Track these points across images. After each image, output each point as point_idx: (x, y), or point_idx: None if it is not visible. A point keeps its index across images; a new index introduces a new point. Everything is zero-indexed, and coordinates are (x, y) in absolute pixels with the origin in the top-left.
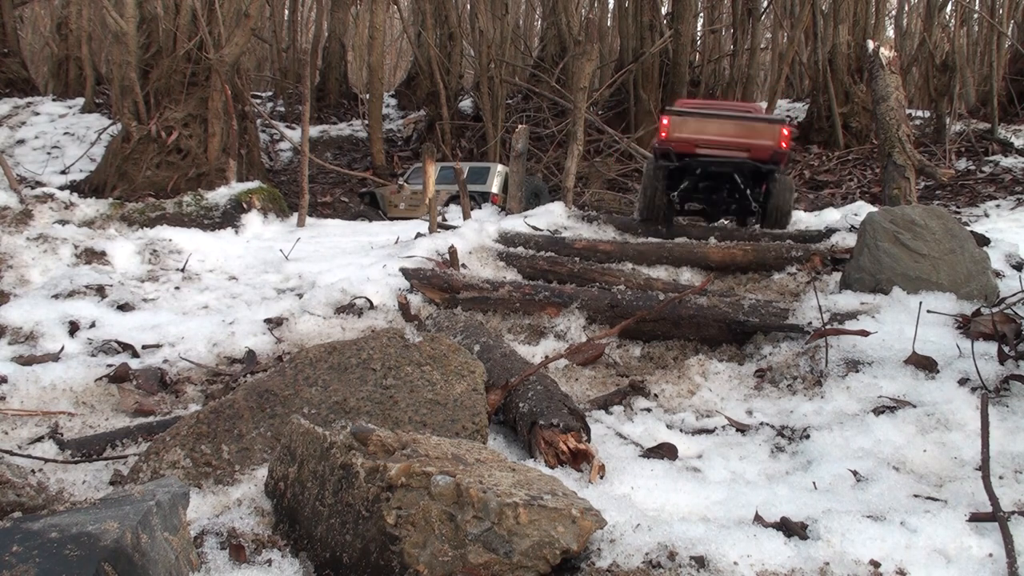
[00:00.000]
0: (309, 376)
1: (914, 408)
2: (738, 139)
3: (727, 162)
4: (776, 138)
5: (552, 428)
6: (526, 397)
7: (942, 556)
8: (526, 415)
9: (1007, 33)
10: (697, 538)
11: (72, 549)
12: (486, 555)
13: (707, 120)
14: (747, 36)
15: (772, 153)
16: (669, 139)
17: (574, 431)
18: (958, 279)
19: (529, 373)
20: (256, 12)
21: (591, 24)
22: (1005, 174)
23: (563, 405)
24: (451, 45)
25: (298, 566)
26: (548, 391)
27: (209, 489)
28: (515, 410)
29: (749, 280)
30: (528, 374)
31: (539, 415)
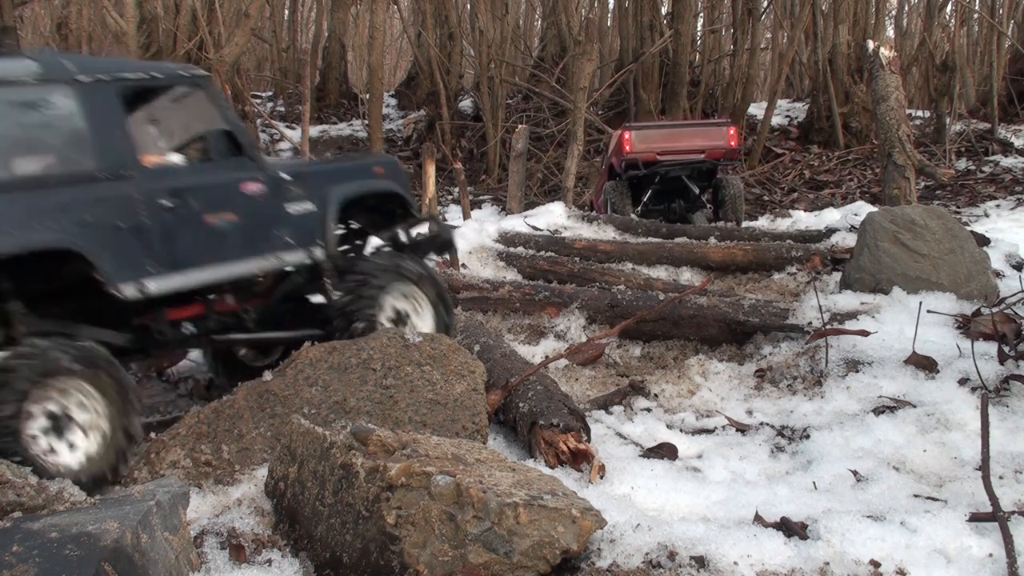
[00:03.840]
0: (309, 376)
1: (914, 408)
2: (694, 143)
3: (688, 164)
4: (726, 138)
5: (552, 428)
6: (526, 397)
7: (942, 556)
8: (526, 415)
9: (1007, 33)
10: (697, 538)
11: (72, 549)
12: (486, 555)
13: (664, 130)
14: (747, 36)
15: (725, 151)
16: (634, 151)
17: (574, 431)
18: (958, 279)
19: (529, 373)
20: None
21: (591, 24)
22: (1005, 174)
23: (563, 405)
24: (451, 45)
25: (298, 566)
26: (548, 391)
27: (209, 489)
28: (515, 410)
29: (749, 280)
30: (528, 374)
31: (539, 415)
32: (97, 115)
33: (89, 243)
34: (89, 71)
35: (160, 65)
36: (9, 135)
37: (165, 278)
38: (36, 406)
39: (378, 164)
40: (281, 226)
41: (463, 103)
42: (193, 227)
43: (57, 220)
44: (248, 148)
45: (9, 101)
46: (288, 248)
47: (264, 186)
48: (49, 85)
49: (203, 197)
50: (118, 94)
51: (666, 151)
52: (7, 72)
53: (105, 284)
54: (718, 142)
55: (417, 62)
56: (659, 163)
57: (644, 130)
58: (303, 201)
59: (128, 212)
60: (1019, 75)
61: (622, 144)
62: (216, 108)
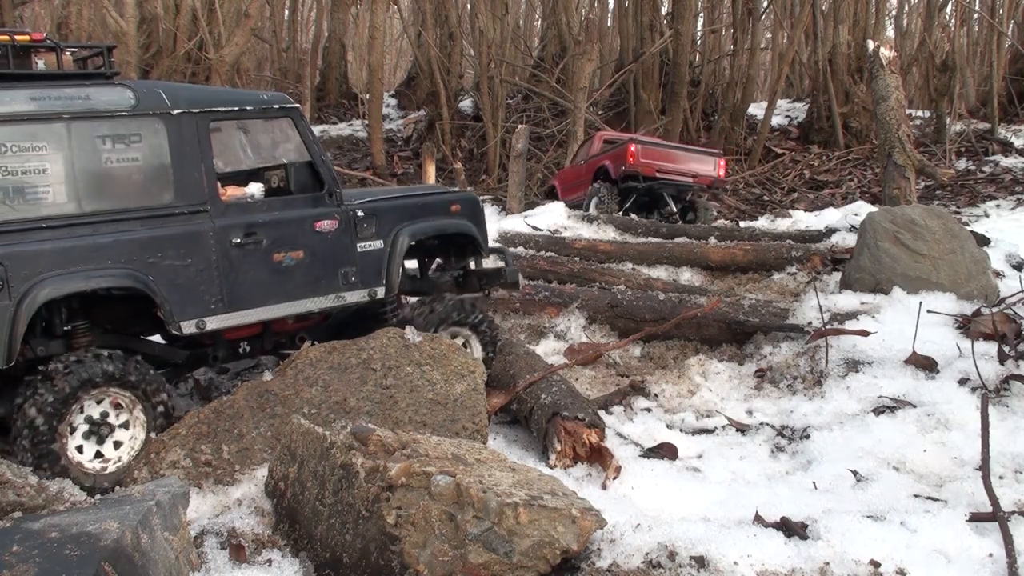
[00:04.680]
0: (309, 376)
1: (914, 408)
2: (688, 167)
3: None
4: (716, 168)
5: (577, 420)
6: (549, 391)
7: (942, 556)
8: (547, 406)
9: (1007, 33)
10: (697, 538)
11: (72, 549)
12: (486, 555)
13: (665, 150)
14: (747, 36)
15: (712, 180)
16: (636, 164)
17: (598, 428)
18: (958, 279)
19: (538, 379)
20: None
21: (591, 24)
22: (1005, 174)
23: (587, 404)
24: (451, 45)
25: (298, 566)
26: (571, 391)
27: (209, 489)
28: (534, 401)
29: (749, 280)
30: (535, 380)
31: (563, 408)
32: (183, 149)
33: (155, 281)
34: (182, 103)
35: (251, 96)
36: (95, 169)
37: (224, 316)
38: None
39: (456, 201)
40: (347, 265)
41: (463, 103)
42: (260, 265)
43: (127, 256)
44: (329, 183)
45: (101, 135)
46: (350, 287)
47: (337, 224)
48: (142, 118)
49: (275, 235)
50: (207, 127)
51: (663, 169)
52: (103, 103)
53: (165, 321)
54: (708, 170)
55: (417, 62)
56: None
57: (648, 146)
58: (373, 239)
59: (198, 249)
60: (1019, 75)
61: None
62: (302, 139)
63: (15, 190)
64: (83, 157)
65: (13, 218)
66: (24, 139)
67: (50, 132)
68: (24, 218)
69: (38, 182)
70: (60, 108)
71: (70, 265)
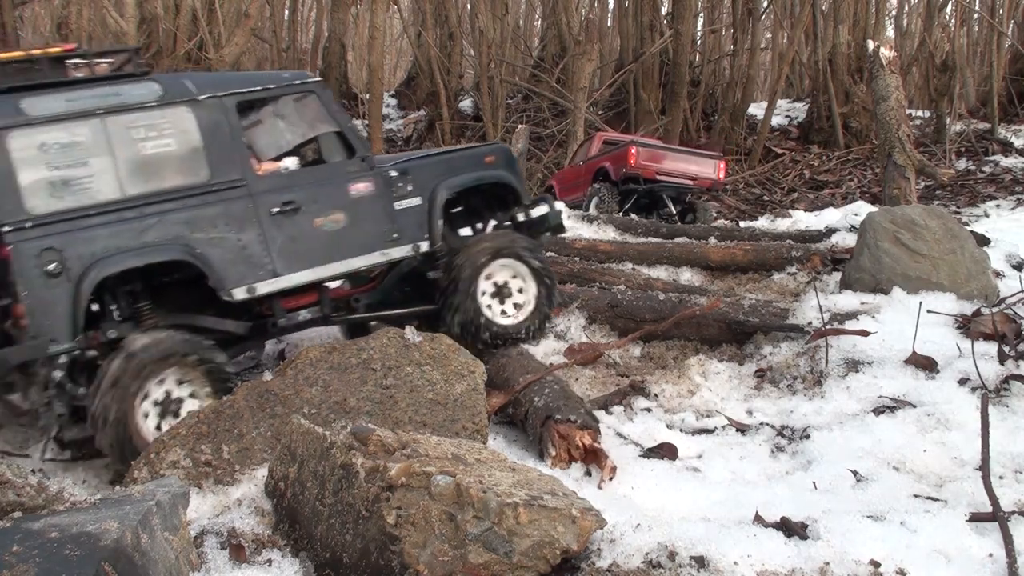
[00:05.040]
0: (309, 376)
1: (914, 408)
2: (688, 169)
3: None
4: (716, 171)
5: (569, 423)
6: (542, 393)
7: (942, 556)
8: (541, 409)
9: (1007, 33)
10: (697, 538)
11: (72, 549)
12: (486, 555)
13: (665, 152)
14: (747, 36)
15: (712, 182)
16: (637, 166)
17: (591, 429)
18: (958, 279)
19: (533, 380)
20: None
21: (591, 24)
22: (1005, 174)
23: (580, 405)
24: (451, 45)
25: (298, 566)
26: (565, 391)
27: (209, 489)
28: (528, 404)
29: (749, 280)
30: (533, 380)
31: (556, 410)
32: (213, 131)
33: (202, 253)
34: (206, 89)
35: (273, 75)
36: (133, 157)
37: (273, 280)
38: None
39: (490, 153)
40: (388, 222)
41: (463, 103)
42: (302, 230)
43: (175, 233)
44: (359, 148)
45: (134, 125)
46: (394, 243)
47: (372, 185)
48: (170, 107)
49: (312, 201)
50: (233, 109)
51: (664, 172)
52: (132, 97)
53: (217, 289)
54: (708, 173)
55: (417, 62)
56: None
57: (649, 149)
58: (411, 196)
59: (240, 221)
60: (1019, 75)
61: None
62: (328, 111)
63: (62, 183)
64: (121, 147)
65: (63, 208)
66: (65, 137)
67: (88, 128)
68: (73, 207)
69: (82, 174)
70: (94, 106)
71: (120, 245)
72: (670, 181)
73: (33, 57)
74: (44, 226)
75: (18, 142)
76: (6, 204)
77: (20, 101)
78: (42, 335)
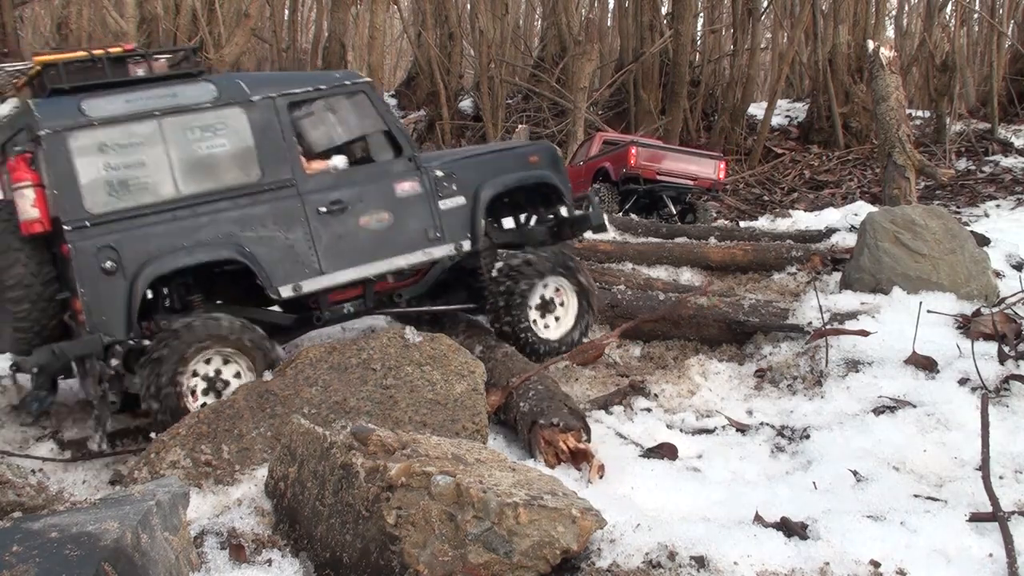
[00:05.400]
0: (309, 376)
1: (914, 408)
2: (689, 169)
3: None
4: (716, 171)
5: (552, 427)
6: (527, 397)
7: (942, 556)
8: (526, 414)
9: (1007, 33)
10: (697, 538)
11: (72, 549)
12: (486, 555)
13: (665, 152)
14: (747, 36)
15: (712, 182)
16: (637, 166)
17: (574, 430)
18: (958, 279)
19: (530, 375)
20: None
21: (591, 24)
22: (1005, 174)
23: (564, 405)
24: (451, 45)
25: (298, 566)
26: (549, 391)
27: (209, 489)
28: (516, 409)
29: (749, 280)
30: (529, 376)
31: (539, 414)
32: (265, 132)
33: (251, 252)
34: (260, 90)
35: (324, 76)
36: (188, 157)
37: (318, 279)
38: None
39: (534, 152)
40: (432, 222)
41: (463, 103)
42: (348, 229)
43: (226, 232)
44: (406, 148)
45: (189, 126)
46: (437, 242)
47: (418, 185)
48: (224, 108)
49: (359, 200)
50: (285, 109)
51: (664, 172)
52: (188, 98)
53: (264, 287)
54: (708, 173)
55: (417, 62)
56: (657, 181)
57: (649, 149)
58: (455, 196)
59: (289, 219)
60: (1019, 75)
61: (627, 157)
62: (377, 111)
63: (120, 183)
64: (176, 148)
65: (120, 207)
66: (123, 138)
67: (145, 129)
68: (130, 207)
69: (139, 174)
70: (152, 107)
71: (174, 244)
72: (670, 181)
73: (95, 57)
74: (102, 225)
75: (79, 143)
76: (67, 204)
77: (82, 102)
78: (98, 329)
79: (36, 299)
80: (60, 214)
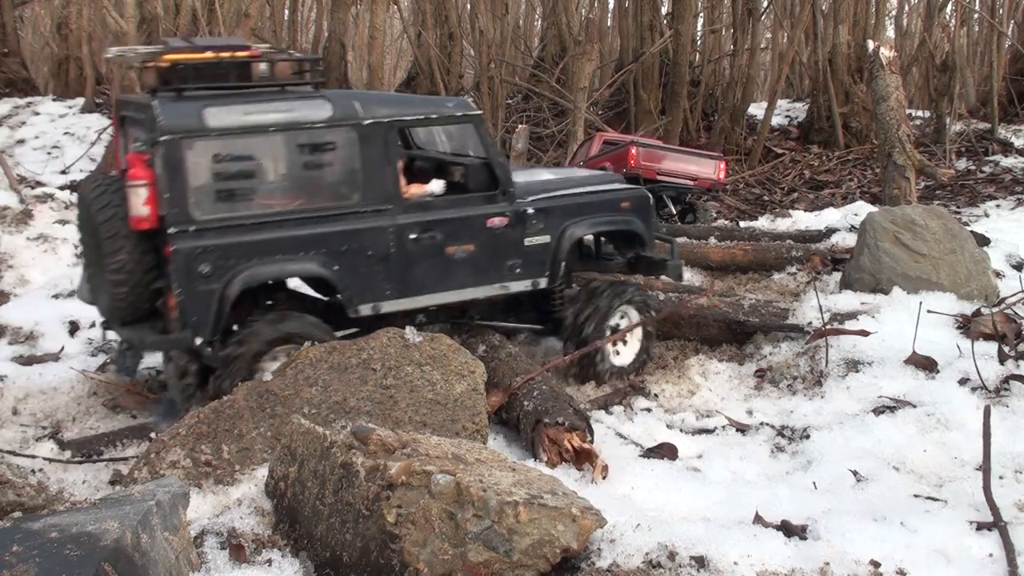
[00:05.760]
0: (309, 376)
1: (914, 408)
2: (689, 169)
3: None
4: (716, 171)
5: (557, 426)
6: (531, 396)
7: (942, 556)
8: (530, 413)
9: (1007, 33)
10: (697, 538)
11: (72, 549)
12: (486, 553)
13: (665, 152)
14: (747, 36)
15: (712, 182)
16: (638, 166)
17: (579, 430)
18: (958, 279)
19: (532, 376)
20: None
21: (591, 24)
22: (1005, 174)
23: (568, 405)
24: (451, 45)
25: (298, 566)
26: (553, 391)
27: (209, 489)
28: (519, 408)
29: (749, 280)
30: (530, 377)
31: (544, 413)
32: (373, 155)
33: (339, 271)
34: (374, 112)
35: (437, 103)
36: (295, 173)
37: (397, 301)
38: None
39: (627, 199)
40: (515, 257)
41: None
42: (433, 257)
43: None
44: (504, 182)
45: (302, 143)
46: (516, 277)
47: (508, 220)
48: (337, 128)
49: (449, 230)
50: (395, 133)
51: (664, 172)
52: (304, 115)
53: (345, 306)
54: (708, 173)
55: (417, 62)
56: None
57: (649, 149)
58: (541, 235)
59: (379, 243)
60: (1019, 75)
61: (627, 157)
62: (482, 142)
63: (226, 193)
64: (285, 163)
65: (223, 216)
66: (237, 149)
67: (258, 143)
68: (232, 216)
69: (246, 185)
70: (269, 121)
71: (268, 256)
72: (670, 181)
73: (221, 61)
74: (204, 232)
75: (195, 151)
76: (175, 208)
77: (203, 110)
78: (188, 328)
79: (134, 285)
80: (167, 216)
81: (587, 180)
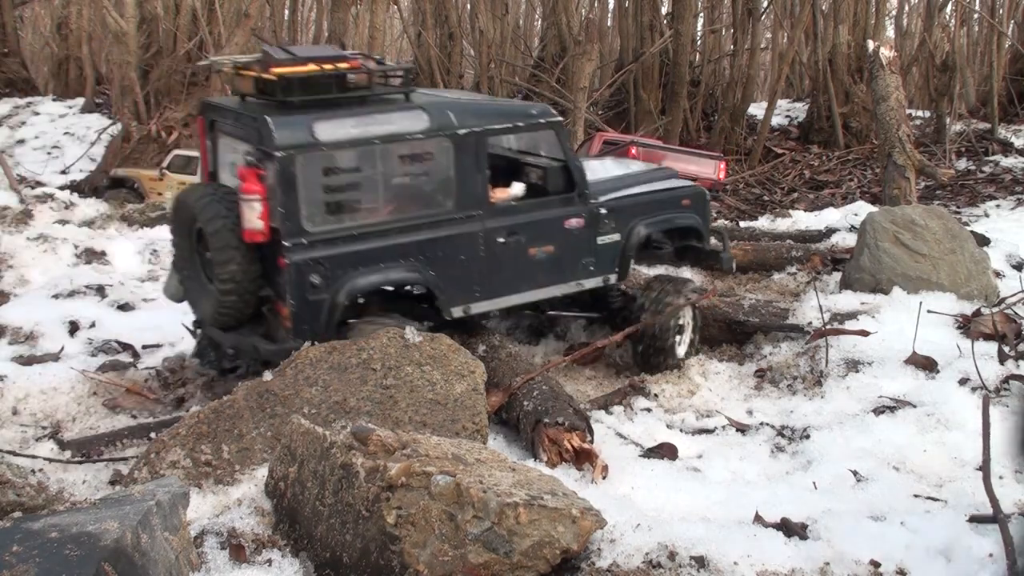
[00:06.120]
0: (309, 376)
1: (914, 408)
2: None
3: None
4: (716, 171)
5: (557, 426)
6: (531, 396)
7: (942, 556)
8: (530, 413)
9: (1007, 33)
10: (697, 538)
11: (72, 549)
12: (486, 555)
13: (665, 152)
14: (747, 36)
15: (713, 182)
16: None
17: (579, 430)
18: (958, 279)
19: (531, 376)
20: (256, 12)
21: (591, 24)
22: (1005, 174)
23: (568, 405)
24: (451, 45)
25: (298, 566)
26: (553, 391)
27: (209, 489)
28: (519, 408)
29: (749, 280)
30: (530, 377)
31: (544, 413)
32: (465, 163)
33: (435, 277)
34: (467, 122)
35: (523, 110)
36: (396, 183)
37: (485, 302)
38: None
39: (688, 196)
40: (589, 255)
41: None
42: (517, 259)
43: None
44: (580, 185)
45: (402, 154)
46: (589, 275)
47: (584, 220)
48: (434, 138)
49: (532, 233)
50: (486, 142)
51: None
52: (403, 126)
53: (439, 309)
54: (708, 173)
55: (417, 62)
56: None
57: (649, 149)
58: (612, 233)
59: (470, 247)
60: (1019, 75)
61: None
62: (562, 147)
63: (336, 204)
64: (387, 174)
65: (333, 228)
66: (345, 161)
67: (364, 155)
68: (340, 227)
69: (353, 197)
70: (372, 134)
71: (372, 265)
72: None
73: (326, 73)
74: (316, 244)
75: (308, 165)
76: (289, 221)
77: (313, 124)
78: (300, 337)
79: (242, 293)
80: (281, 229)
81: (650, 176)
